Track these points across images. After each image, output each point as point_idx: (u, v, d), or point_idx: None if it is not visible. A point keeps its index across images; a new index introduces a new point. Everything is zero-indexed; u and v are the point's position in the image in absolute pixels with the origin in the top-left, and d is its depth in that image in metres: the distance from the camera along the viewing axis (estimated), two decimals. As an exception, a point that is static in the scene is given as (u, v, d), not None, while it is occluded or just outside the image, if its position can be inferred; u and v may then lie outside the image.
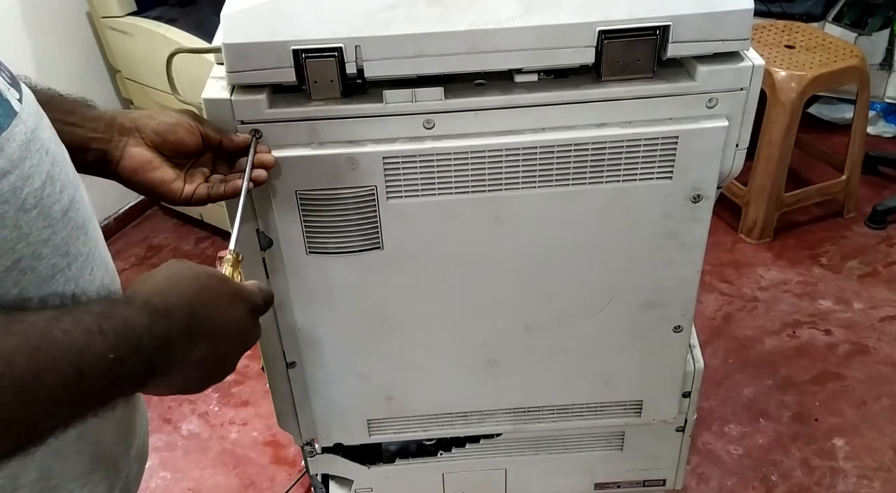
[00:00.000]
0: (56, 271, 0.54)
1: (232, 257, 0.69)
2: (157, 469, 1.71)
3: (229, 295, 0.60)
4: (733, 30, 0.86)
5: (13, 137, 0.51)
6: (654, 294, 1.05)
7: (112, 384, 0.51)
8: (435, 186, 0.92)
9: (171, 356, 0.54)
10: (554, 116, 0.90)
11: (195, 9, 2.03)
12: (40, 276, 0.53)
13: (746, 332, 2.00)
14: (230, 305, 0.60)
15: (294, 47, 0.83)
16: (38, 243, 0.52)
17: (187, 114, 0.84)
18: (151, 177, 0.81)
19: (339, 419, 1.16)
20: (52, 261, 0.54)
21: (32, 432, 0.48)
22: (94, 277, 0.58)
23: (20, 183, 0.51)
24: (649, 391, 1.17)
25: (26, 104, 0.55)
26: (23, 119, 0.53)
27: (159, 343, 0.53)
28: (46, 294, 0.53)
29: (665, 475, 1.34)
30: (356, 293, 1.01)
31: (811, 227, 2.36)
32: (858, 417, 1.75)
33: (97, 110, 0.80)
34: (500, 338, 1.08)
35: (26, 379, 0.45)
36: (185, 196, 0.82)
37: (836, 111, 2.75)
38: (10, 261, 0.50)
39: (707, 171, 0.94)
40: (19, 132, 0.52)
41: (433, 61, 0.85)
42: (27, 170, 0.52)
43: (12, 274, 0.50)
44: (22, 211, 0.51)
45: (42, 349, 0.46)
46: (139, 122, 0.81)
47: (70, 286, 0.55)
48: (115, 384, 0.51)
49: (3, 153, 0.50)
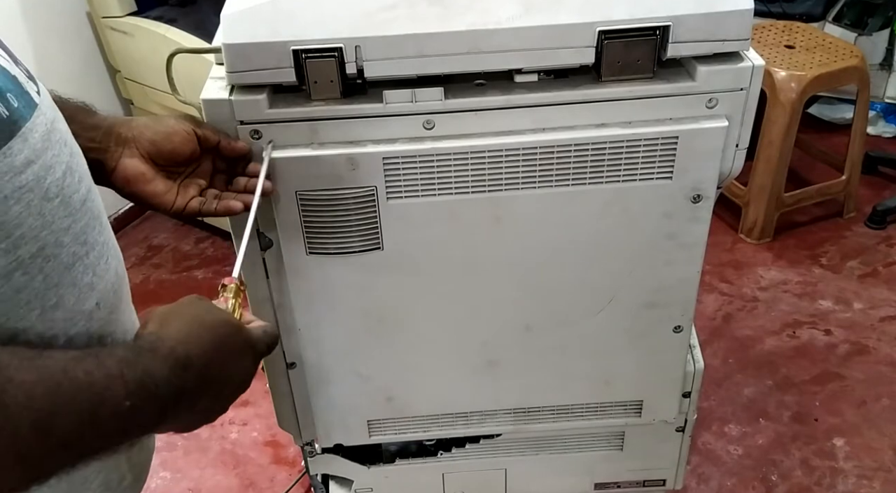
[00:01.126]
0: (76, 260, 0.56)
1: (234, 286, 0.69)
2: (157, 469, 1.71)
3: (241, 348, 0.62)
4: (733, 30, 0.86)
5: (35, 129, 0.53)
6: (655, 294, 1.05)
7: (124, 429, 0.52)
8: (435, 187, 0.92)
9: (181, 405, 0.56)
10: (554, 117, 0.90)
11: (195, 9, 2.03)
12: (62, 263, 0.54)
13: (746, 332, 2.00)
14: (241, 358, 0.62)
15: (294, 47, 0.83)
16: (60, 232, 0.54)
17: (186, 119, 0.84)
18: (143, 189, 0.81)
19: (340, 420, 1.16)
20: (73, 249, 0.55)
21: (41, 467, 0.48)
22: (108, 266, 0.60)
23: (43, 173, 0.53)
24: (649, 391, 1.17)
25: (44, 96, 0.57)
26: (42, 111, 0.55)
27: (174, 393, 0.54)
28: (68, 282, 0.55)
29: (665, 475, 1.34)
30: (356, 294, 1.01)
31: (811, 227, 2.36)
32: (858, 417, 1.75)
33: (97, 117, 0.81)
34: (501, 338, 1.08)
35: (43, 413, 0.46)
36: (177, 209, 0.83)
37: (836, 111, 2.75)
38: (35, 248, 0.52)
39: (707, 171, 0.94)
40: (40, 123, 0.54)
41: (433, 61, 0.85)
42: (49, 160, 0.53)
43: (37, 261, 0.52)
44: (45, 200, 0.53)
45: (63, 387, 0.47)
46: (136, 131, 0.81)
47: (89, 274, 0.57)
48: (126, 429, 0.52)
49: (28, 143, 0.52)
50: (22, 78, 0.54)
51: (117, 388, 0.50)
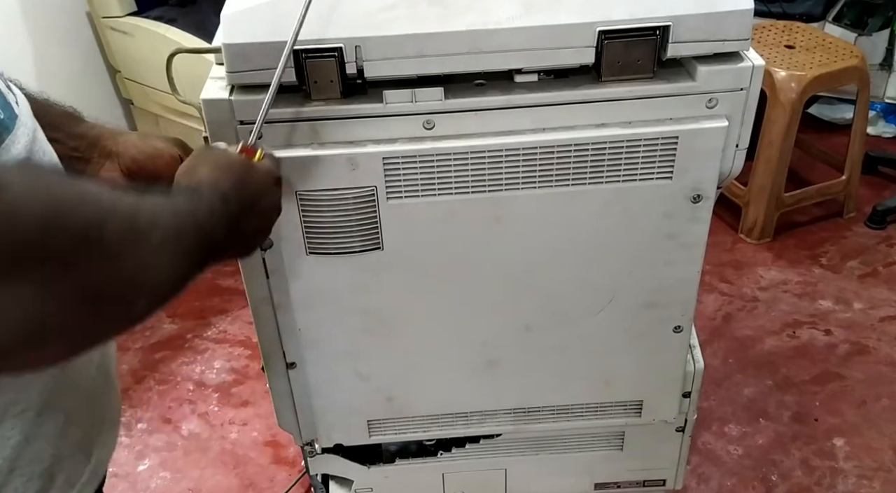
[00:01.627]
0: None
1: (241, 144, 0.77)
2: (157, 469, 1.71)
3: (259, 176, 0.73)
4: (733, 30, 0.86)
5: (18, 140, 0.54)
6: (655, 294, 1.05)
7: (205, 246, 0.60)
8: (435, 187, 0.92)
9: (234, 227, 0.65)
10: (554, 117, 0.90)
11: (195, 9, 2.03)
12: None
13: (746, 332, 2.00)
14: (263, 182, 0.73)
15: (294, 47, 0.83)
16: None
17: (175, 143, 0.84)
18: None
19: (340, 420, 1.16)
20: None
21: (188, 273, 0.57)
22: None
23: None
24: (649, 391, 1.17)
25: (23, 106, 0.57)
26: (23, 122, 0.56)
27: (225, 218, 0.64)
28: None
29: (665, 475, 1.34)
30: (356, 294, 1.01)
31: (811, 227, 2.36)
32: (858, 417, 1.75)
33: (84, 125, 0.81)
34: (501, 338, 1.08)
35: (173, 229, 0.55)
36: None
37: (836, 111, 2.75)
38: None
39: (707, 171, 0.94)
40: (22, 134, 0.55)
41: (433, 61, 0.85)
42: None
43: None
44: None
45: (179, 215, 0.57)
46: (122, 147, 0.81)
47: None
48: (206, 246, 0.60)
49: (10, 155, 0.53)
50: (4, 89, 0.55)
51: (202, 210, 0.60)
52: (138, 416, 1.84)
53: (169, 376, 1.95)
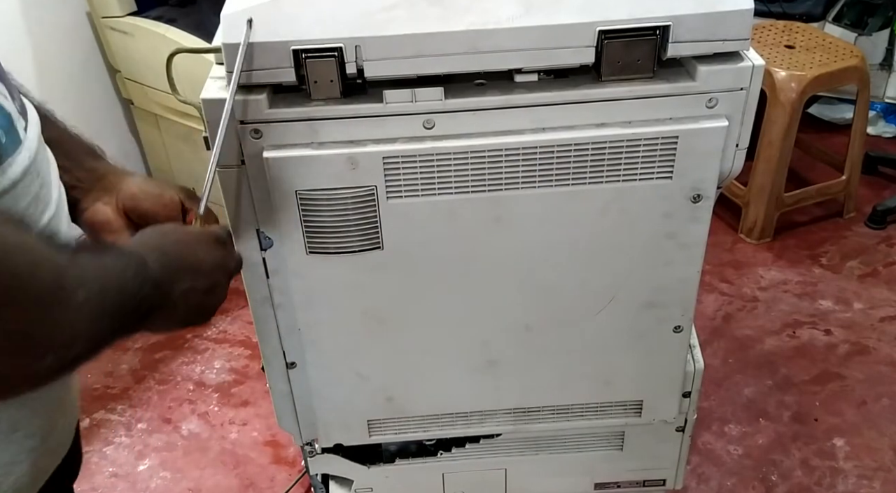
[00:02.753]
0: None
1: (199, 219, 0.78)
2: (157, 469, 1.71)
3: (202, 238, 0.71)
4: (733, 30, 0.86)
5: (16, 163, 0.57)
6: (654, 294, 1.05)
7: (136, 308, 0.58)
8: (435, 186, 0.92)
9: (161, 290, 0.61)
10: (554, 116, 0.90)
11: (195, 9, 2.03)
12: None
13: (746, 332, 2.00)
14: (206, 244, 0.70)
15: (294, 47, 0.83)
16: None
17: (179, 189, 0.84)
18: (106, 237, 0.80)
19: (340, 420, 1.16)
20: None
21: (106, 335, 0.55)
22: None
23: (11, 202, 0.56)
24: (649, 391, 1.17)
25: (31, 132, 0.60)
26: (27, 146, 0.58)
27: (159, 274, 0.61)
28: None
29: (665, 475, 1.34)
30: (356, 293, 1.01)
31: (811, 227, 2.36)
32: (858, 417, 1.75)
33: (101, 163, 0.81)
34: (501, 338, 1.08)
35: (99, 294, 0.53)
36: None
37: (836, 111, 2.75)
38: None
39: (707, 171, 0.94)
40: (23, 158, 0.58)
41: (433, 61, 0.85)
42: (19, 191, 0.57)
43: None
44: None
45: (108, 276, 0.55)
46: (124, 184, 0.81)
47: None
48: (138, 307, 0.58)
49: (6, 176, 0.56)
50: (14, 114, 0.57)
51: (130, 273, 0.57)
52: (138, 416, 1.84)
53: (169, 376, 1.95)
